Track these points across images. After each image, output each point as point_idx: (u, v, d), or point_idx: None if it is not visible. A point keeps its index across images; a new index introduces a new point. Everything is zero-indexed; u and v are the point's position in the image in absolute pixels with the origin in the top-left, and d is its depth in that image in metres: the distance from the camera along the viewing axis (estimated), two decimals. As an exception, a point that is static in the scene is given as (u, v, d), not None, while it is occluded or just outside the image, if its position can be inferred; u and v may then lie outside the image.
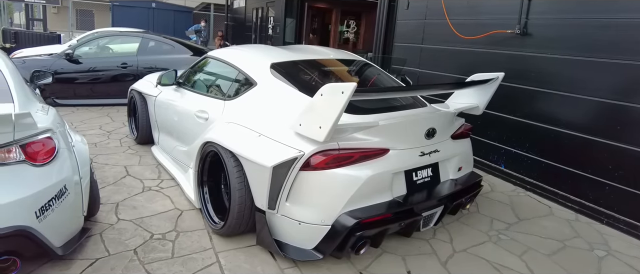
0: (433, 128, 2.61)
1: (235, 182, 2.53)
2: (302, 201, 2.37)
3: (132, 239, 2.74)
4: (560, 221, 3.30)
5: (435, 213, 2.73)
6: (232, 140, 2.63)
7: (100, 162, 4.17)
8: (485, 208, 3.45)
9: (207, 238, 2.78)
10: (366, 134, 2.44)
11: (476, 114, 3.12)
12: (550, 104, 3.73)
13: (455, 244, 2.86)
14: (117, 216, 3.05)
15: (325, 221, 2.33)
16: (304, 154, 2.29)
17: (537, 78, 3.83)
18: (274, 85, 2.90)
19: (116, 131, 5.36)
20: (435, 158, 2.70)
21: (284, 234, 2.48)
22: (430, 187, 2.72)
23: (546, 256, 2.77)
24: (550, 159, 3.71)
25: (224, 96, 3.23)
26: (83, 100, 6.70)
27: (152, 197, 3.40)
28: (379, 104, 2.79)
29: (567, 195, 3.54)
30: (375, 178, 2.39)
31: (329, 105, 2.14)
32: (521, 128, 3.96)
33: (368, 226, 2.35)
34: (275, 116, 2.67)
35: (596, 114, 3.38)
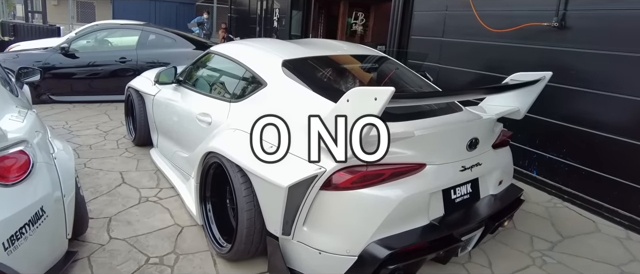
0: (476, 138, 2.22)
1: (244, 202, 2.16)
2: (323, 227, 2.00)
3: (125, 263, 2.38)
4: (609, 240, 2.91)
5: (475, 235, 2.35)
6: (240, 152, 2.25)
7: (94, 167, 3.82)
8: (522, 223, 3.07)
9: (210, 263, 2.42)
10: (399, 146, 2.05)
11: (516, 118, 2.72)
12: (592, 105, 3.32)
13: (495, 268, 2.49)
14: (109, 234, 2.69)
15: (351, 251, 1.96)
16: (326, 171, 1.92)
17: (577, 76, 3.42)
18: (287, 86, 2.51)
19: (113, 131, 5.00)
20: (477, 173, 2.31)
21: (301, 264, 2.11)
22: (470, 206, 2.34)
23: (602, 285, 2.40)
24: (592, 166, 3.32)
25: (230, 97, 2.85)
26: (80, 96, 6.34)
27: (150, 211, 3.04)
28: (410, 109, 2.40)
29: (614, 208, 3.15)
30: (410, 199, 2.01)
31: (358, 113, 1.75)
32: (557, 131, 3.56)
33: (403, 257, 1.98)
34: (291, 125, 2.29)
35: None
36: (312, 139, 1.93)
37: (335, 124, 1.82)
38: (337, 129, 1.84)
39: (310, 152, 2.00)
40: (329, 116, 1.90)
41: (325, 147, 1.92)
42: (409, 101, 1.98)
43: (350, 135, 1.79)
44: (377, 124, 2.07)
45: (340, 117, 1.84)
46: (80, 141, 4.57)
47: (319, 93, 2.38)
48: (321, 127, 1.85)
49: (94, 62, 6.34)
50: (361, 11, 10.97)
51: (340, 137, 1.83)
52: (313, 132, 1.92)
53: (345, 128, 1.81)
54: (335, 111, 1.87)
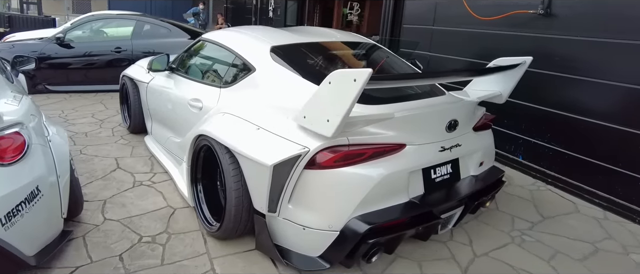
0: (455, 120, 2.31)
1: (232, 182, 2.24)
2: (306, 204, 2.09)
3: (119, 242, 2.48)
4: (588, 220, 3.02)
5: (455, 213, 2.45)
6: (228, 133, 2.33)
7: (89, 153, 3.90)
8: (505, 204, 3.17)
9: (201, 241, 2.52)
10: (380, 127, 2.14)
11: (498, 102, 2.81)
12: (576, 91, 3.41)
13: (476, 247, 2.59)
14: (104, 215, 2.78)
15: (333, 226, 2.06)
16: (309, 150, 2.00)
17: (562, 63, 3.50)
18: (274, 71, 2.59)
19: (109, 120, 5.08)
20: (456, 153, 2.40)
21: (287, 240, 2.21)
22: (450, 185, 2.43)
23: (577, 261, 2.50)
24: (574, 150, 3.41)
25: (220, 83, 2.92)
26: (76, 86, 6.39)
27: (143, 194, 3.13)
28: (393, 92, 2.49)
29: (594, 190, 3.25)
30: (390, 178, 2.10)
31: (339, 95, 1.84)
32: (542, 117, 3.64)
33: (382, 232, 2.07)
34: (277, 107, 2.37)
35: (628, 102, 3.06)
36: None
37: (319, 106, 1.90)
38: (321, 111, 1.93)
39: (295, 133, 2.10)
40: (313, 98, 1.98)
41: (310, 128, 2.01)
42: (388, 82, 2.05)
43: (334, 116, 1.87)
44: (358, 105, 2.17)
45: (323, 99, 1.93)
46: (76, 129, 4.65)
47: (306, 78, 2.46)
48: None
49: (89, 52, 6.38)
50: (356, 1, 10.98)
51: (324, 118, 1.91)
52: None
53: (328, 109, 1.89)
54: (319, 92, 1.95)
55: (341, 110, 1.82)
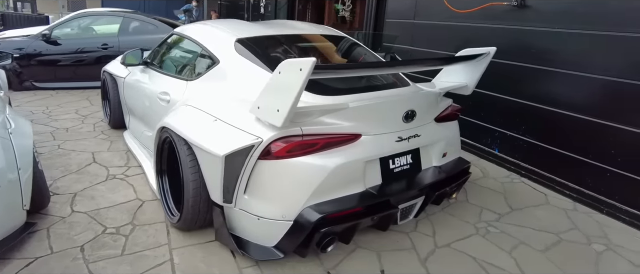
0: (412, 110, 2.31)
1: (189, 173, 2.26)
2: (261, 194, 2.10)
3: (82, 234, 2.50)
4: (556, 211, 3.02)
5: (415, 204, 2.46)
6: (185, 125, 2.35)
7: (67, 148, 3.92)
8: (474, 196, 3.18)
9: (164, 233, 2.54)
10: (335, 118, 2.15)
11: (465, 94, 2.81)
12: (549, 83, 3.40)
13: (438, 238, 2.60)
14: (72, 208, 2.81)
15: (287, 216, 2.07)
16: (262, 141, 2.01)
17: (536, 55, 3.49)
18: (237, 63, 2.60)
19: (92, 115, 5.10)
20: (416, 144, 2.41)
21: (244, 231, 2.23)
22: (410, 176, 2.44)
23: (539, 252, 2.50)
24: (547, 142, 3.41)
25: (187, 76, 2.94)
26: (63, 83, 6.42)
27: (115, 187, 3.15)
28: (354, 83, 2.49)
29: (565, 182, 3.25)
30: (344, 167, 2.11)
31: (288, 85, 1.84)
32: (517, 109, 3.64)
33: (335, 221, 2.09)
34: (236, 98, 2.39)
35: (599, 93, 3.05)
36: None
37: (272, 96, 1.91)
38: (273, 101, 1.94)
39: (250, 124, 2.11)
40: (265, 88, 1.99)
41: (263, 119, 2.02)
42: (335, 71, 2.05)
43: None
44: (307, 97, 2.18)
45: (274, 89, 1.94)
46: (58, 125, 4.67)
47: (268, 70, 2.46)
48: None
49: (75, 49, 6.40)
50: (348, -3, 10.94)
51: (275, 108, 1.92)
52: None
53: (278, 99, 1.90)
54: (270, 83, 1.96)
55: (289, 100, 1.83)
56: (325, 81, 2.35)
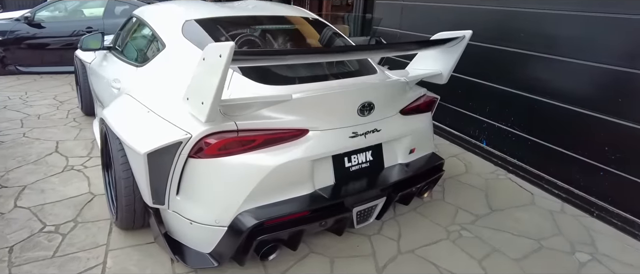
0: (369, 102, 2.05)
1: (120, 171, 2.05)
2: (192, 196, 1.89)
3: (17, 232, 2.33)
4: (541, 213, 2.75)
5: (375, 205, 2.22)
6: (117, 118, 2.13)
7: (32, 136, 3.77)
8: (452, 195, 2.92)
9: (106, 232, 2.35)
10: (278, 111, 1.90)
11: (439, 83, 2.53)
12: (541, 70, 3.08)
13: (403, 242, 2.36)
14: (16, 202, 2.64)
15: (220, 221, 1.85)
16: (192, 137, 1.78)
17: (527, 39, 3.16)
18: (183, 47, 2.36)
19: (70, 102, 4.94)
20: (374, 139, 2.15)
21: (179, 234, 2.02)
22: (370, 175, 2.20)
23: (513, 261, 2.25)
24: (537, 136, 3.11)
25: (138, 62, 2.71)
26: (47, 67, 6.28)
27: (69, 179, 2.98)
28: (308, 72, 2.24)
29: (554, 180, 2.97)
30: (286, 167, 1.88)
31: (211, 73, 1.60)
32: (506, 98, 3.33)
33: (275, 227, 1.86)
34: (174, 88, 2.15)
35: (595, 83, 2.73)
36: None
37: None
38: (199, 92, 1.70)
39: (184, 118, 1.88)
40: (193, 77, 1.75)
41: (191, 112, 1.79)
42: (262, 59, 1.77)
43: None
44: (247, 87, 1.94)
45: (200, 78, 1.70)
46: (31, 111, 4.53)
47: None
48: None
49: (59, 32, 6.23)
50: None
51: (200, 100, 1.68)
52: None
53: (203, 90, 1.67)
54: (196, 71, 1.72)
55: (211, 90, 1.59)
56: (274, 69, 2.11)
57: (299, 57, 1.89)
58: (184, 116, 1.87)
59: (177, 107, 1.94)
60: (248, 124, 1.85)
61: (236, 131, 1.82)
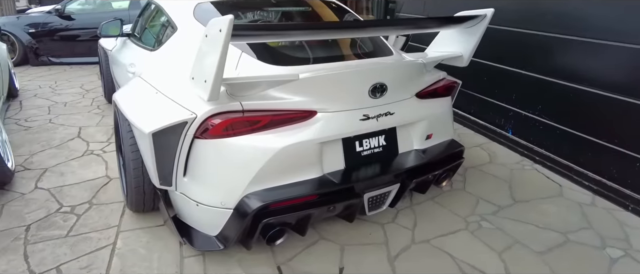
0: (381, 84, 1.95)
1: (129, 152, 2.05)
2: (199, 177, 1.86)
3: (35, 212, 2.38)
4: (569, 205, 2.57)
5: (388, 192, 2.12)
6: (126, 100, 2.13)
7: (57, 123, 3.88)
8: (474, 185, 2.78)
9: (118, 214, 2.37)
10: (285, 92, 1.84)
11: (460, 65, 2.39)
12: (572, 54, 2.87)
13: (418, 232, 2.26)
14: (37, 184, 2.71)
15: (226, 203, 1.81)
16: (197, 117, 1.75)
17: (557, 21, 2.96)
18: (194, 30, 2.33)
19: (95, 90, 5.07)
20: (388, 123, 2.05)
21: (186, 217, 2.00)
22: (383, 160, 2.10)
23: (536, 254, 2.10)
24: (567, 124, 2.92)
25: (152, 46, 2.71)
26: (77, 58, 6.47)
27: (88, 163, 3.04)
28: (320, 52, 2.16)
29: (584, 171, 2.77)
30: (293, 149, 1.81)
31: (214, 49, 1.55)
32: (534, 85, 3.14)
33: (281, 211, 1.81)
34: (184, 69, 2.12)
35: (630, 66, 2.52)
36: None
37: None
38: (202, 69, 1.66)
39: (190, 98, 1.85)
40: (197, 55, 1.71)
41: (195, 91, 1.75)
42: (262, 33, 1.70)
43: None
44: (256, 68, 1.88)
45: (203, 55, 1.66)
46: (59, 99, 4.67)
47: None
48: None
49: (88, 24, 6.39)
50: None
51: (203, 78, 1.64)
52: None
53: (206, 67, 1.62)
54: (200, 48, 1.68)
55: (212, 67, 1.54)
56: (285, 50, 2.04)
57: (305, 33, 1.81)
58: (191, 97, 1.84)
59: (185, 88, 1.91)
60: (254, 105, 1.79)
61: (242, 111, 1.77)
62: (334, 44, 2.24)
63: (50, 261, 1.97)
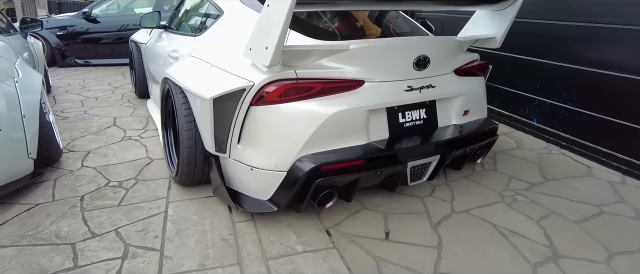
0: (425, 56, 2.06)
1: (183, 122, 2.16)
2: (254, 143, 1.96)
3: (86, 185, 2.49)
4: (600, 183, 2.64)
5: (429, 163, 2.21)
6: (182, 73, 2.25)
7: (92, 113, 4.01)
8: (504, 165, 2.85)
9: (165, 188, 2.47)
10: (335, 61, 1.95)
11: (493, 47, 2.50)
12: (594, 41, 2.97)
13: (456, 204, 2.34)
14: (83, 163, 2.82)
15: (280, 166, 1.91)
16: (254, 84, 1.86)
17: (579, 10, 3.07)
18: (241, 12, 2.46)
19: (123, 87, 5.22)
20: (429, 95, 2.15)
21: (238, 183, 2.10)
22: (423, 132, 2.20)
23: (574, 222, 2.17)
24: (592, 109, 3.00)
25: (195, 32, 2.85)
26: (102, 59, 6.67)
27: (128, 147, 3.15)
28: (363, 32, 2.28)
29: (613, 153, 2.84)
30: (342, 115, 1.91)
31: (276, 17, 1.67)
32: (558, 73, 3.23)
33: (332, 173, 1.90)
34: (235, 46, 2.24)
35: (658, 49, 2.61)
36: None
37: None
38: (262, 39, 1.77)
39: (245, 69, 1.96)
40: (256, 27, 1.83)
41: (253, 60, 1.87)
42: (327, 2, 1.82)
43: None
44: (303, 41, 1.99)
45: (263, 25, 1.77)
46: (90, 94, 4.82)
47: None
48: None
49: (113, 26, 6.61)
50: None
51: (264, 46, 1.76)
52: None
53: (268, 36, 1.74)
54: (260, 19, 1.80)
55: (275, 33, 1.66)
56: (332, 29, 2.16)
57: (366, 3, 1.93)
58: (246, 68, 1.96)
59: (239, 61, 2.02)
60: (307, 73, 1.90)
61: (296, 79, 1.88)
62: (373, 27, 2.36)
63: (108, 224, 2.07)
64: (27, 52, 3.56)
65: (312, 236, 1.99)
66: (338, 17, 2.73)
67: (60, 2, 13.35)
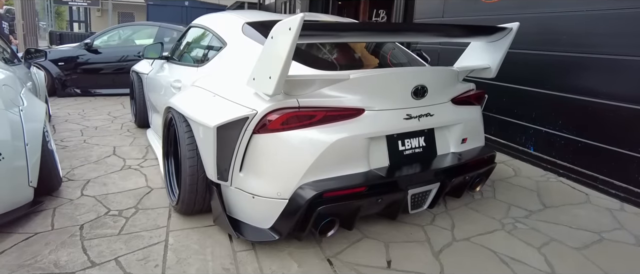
0: (423, 85, 2.12)
1: (186, 150, 2.18)
2: (255, 170, 1.98)
3: (85, 214, 2.47)
4: (598, 210, 2.65)
5: (429, 191, 2.23)
6: (185, 102, 2.30)
7: (92, 142, 4.02)
8: (503, 193, 2.87)
9: (165, 217, 2.46)
10: (337, 90, 2.01)
11: (488, 77, 2.58)
12: (588, 71, 3.07)
13: (457, 232, 2.34)
14: (82, 192, 2.81)
15: (282, 193, 1.92)
16: (257, 113, 1.90)
17: (570, 41, 3.18)
18: (243, 44, 2.53)
19: (122, 117, 5.26)
20: (428, 124, 2.20)
21: (240, 211, 2.10)
22: (423, 159, 2.23)
23: (574, 249, 2.18)
24: (588, 137, 3.05)
25: (198, 63, 2.92)
26: (102, 89, 6.74)
27: (128, 175, 3.15)
28: (363, 63, 2.35)
29: (610, 180, 2.87)
30: (344, 143, 1.95)
31: (280, 48, 1.73)
32: (553, 103, 3.31)
33: (334, 200, 1.91)
34: (237, 76, 2.30)
35: (647, 78, 2.70)
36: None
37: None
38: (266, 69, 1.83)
39: (247, 98, 2.01)
40: (259, 57, 1.89)
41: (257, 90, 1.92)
42: (329, 34, 1.90)
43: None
44: (304, 71, 2.05)
45: (267, 56, 1.83)
46: (89, 124, 4.84)
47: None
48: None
49: (114, 57, 6.72)
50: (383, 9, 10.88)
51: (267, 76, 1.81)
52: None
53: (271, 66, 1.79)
54: (264, 50, 1.86)
55: (279, 63, 1.71)
56: (332, 60, 2.23)
57: (365, 34, 2.01)
58: (249, 97, 2.00)
59: (241, 91, 2.07)
60: (309, 102, 1.95)
61: (298, 107, 1.93)
62: (371, 58, 2.43)
63: (107, 253, 2.05)
64: (31, 82, 3.61)
65: (314, 265, 1.98)
66: (337, 48, 2.82)
67: (61, 33, 13.61)
